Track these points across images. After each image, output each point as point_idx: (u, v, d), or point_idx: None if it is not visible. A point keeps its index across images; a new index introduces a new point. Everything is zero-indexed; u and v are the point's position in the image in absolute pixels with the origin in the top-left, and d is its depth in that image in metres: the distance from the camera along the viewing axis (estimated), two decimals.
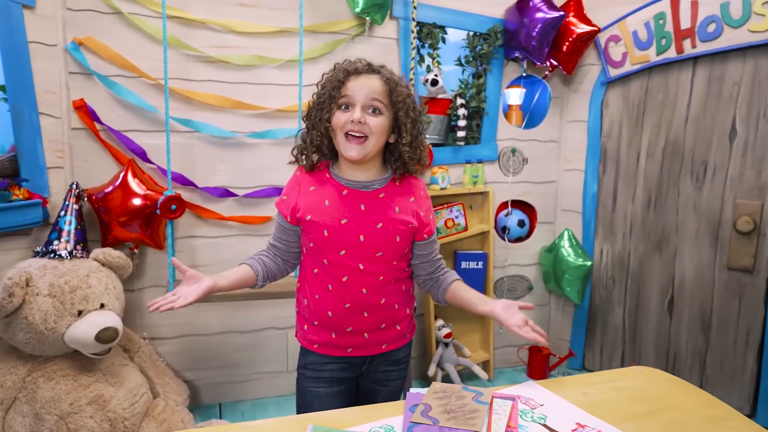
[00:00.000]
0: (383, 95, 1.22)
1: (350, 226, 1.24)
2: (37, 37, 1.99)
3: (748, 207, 2.27)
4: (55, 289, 1.80)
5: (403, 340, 1.38)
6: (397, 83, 1.24)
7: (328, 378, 1.34)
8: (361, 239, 1.24)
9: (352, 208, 1.25)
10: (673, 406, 1.11)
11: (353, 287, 1.26)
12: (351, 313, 1.28)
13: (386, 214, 1.25)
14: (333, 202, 1.25)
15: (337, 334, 1.31)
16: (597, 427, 1.01)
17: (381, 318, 1.31)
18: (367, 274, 1.26)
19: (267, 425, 1.00)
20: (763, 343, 2.25)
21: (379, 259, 1.26)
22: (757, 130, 2.23)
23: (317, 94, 1.29)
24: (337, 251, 1.25)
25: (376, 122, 1.21)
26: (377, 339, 1.32)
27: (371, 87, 1.21)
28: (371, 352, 1.34)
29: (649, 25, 2.48)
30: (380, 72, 1.25)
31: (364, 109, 1.21)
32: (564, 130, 2.89)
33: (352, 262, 1.25)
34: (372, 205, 1.25)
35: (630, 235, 2.71)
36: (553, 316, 3.02)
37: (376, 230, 1.24)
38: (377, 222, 1.24)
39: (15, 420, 1.77)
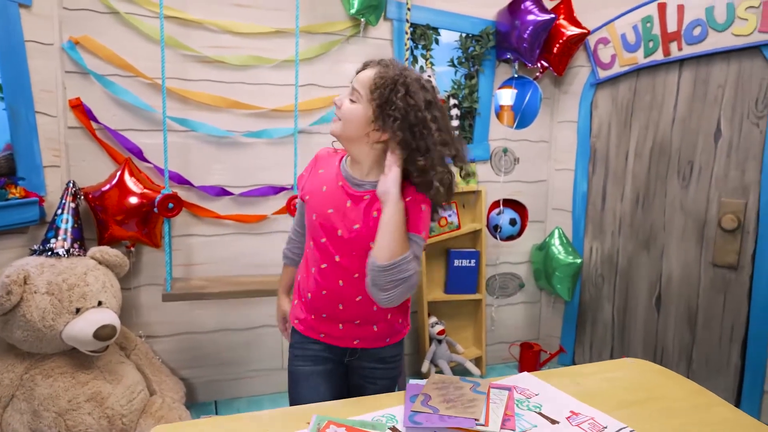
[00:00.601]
0: (364, 86, 1.21)
1: (334, 217, 1.26)
2: (33, 36, 2.00)
3: (732, 205, 2.33)
4: (53, 287, 1.82)
5: (380, 342, 1.36)
6: (382, 75, 1.19)
7: (312, 356, 1.36)
8: (339, 233, 1.26)
9: (339, 200, 1.27)
10: (662, 395, 1.15)
11: (330, 277, 1.29)
12: (327, 300, 1.31)
13: (364, 218, 1.24)
14: (329, 189, 1.29)
15: (315, 317, 1.34)
16: (590, 415, 1.05)
17: (355, 314, 1.31)
18: (343, 268, 1.27)
19: (274, 415, 1.03)
20: (746, 337, 2.32)
21: (354, 256, 1.25)
22: (741, 130, 2.30)
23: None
24: (320, 237, 1.29)
25: (349, 109, 1.23)
26: (350, 333, 1.33)
27: (360, 77, 1.24)
28: (344, 344, 1.34)
29: (637, 28, 2.54)
30: (378, 65, 1.24)
31: (347, 96, 1.25)
32: (554, 131, 2.95)
33: (330, 252, 1.28)
34: (356, 204, 1.26)
35: (619, 234, 2.76)
36: (543, 313, 3.07)
37: (353, 230, 1.25)
38: (355, 222, 1.25)
39: (13, 417, 1.78)
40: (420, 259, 1.22)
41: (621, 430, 1.00)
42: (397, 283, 1.14)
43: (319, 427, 0.95)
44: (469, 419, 0.98)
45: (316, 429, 0.95)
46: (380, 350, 1.37)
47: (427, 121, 1.18)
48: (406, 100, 1.18)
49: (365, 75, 1.23)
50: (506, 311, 3.00)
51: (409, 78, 1.21)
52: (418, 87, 1.20)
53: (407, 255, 1.15)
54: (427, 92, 1.22)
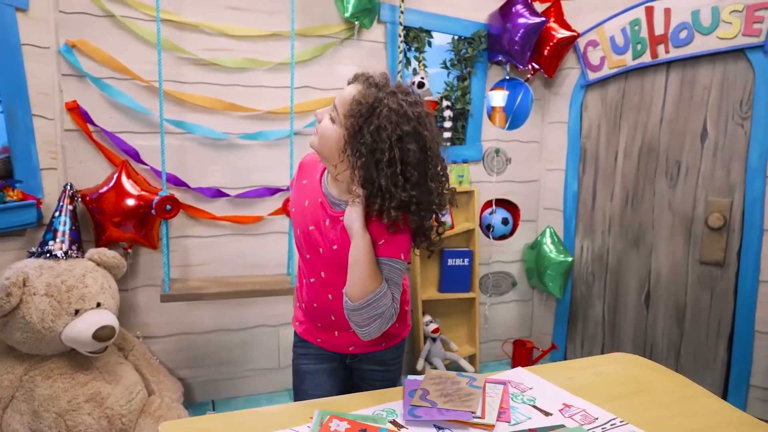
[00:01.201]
0: (343, 106, 1.13)
1: (315, 234, 1.23)
2: (30, 39, 2.01)
3: (718, 204, 2.39)
4: (52, 289, 1.83)
5: (376, 347, 1.37)
6: (360, 102, 1.10)
7: (317, 355, 1.39)
8: (320, 251, 1.24)
9: (319, 218, 1.23)
10: (650, 387, 1.20)
11: (320, 291, 1.28)
12: (319, 312, 1.32)
13: (342, 239, 1.19)
14: (310, 205, 1.25)
15: (312, 324, 1.37)
16: (582, 407, 1.09)
17: (348, 324, 1.24)
18: (328, 284, 1.25)
19: (278, 410, 1.06)
20: (732, 333, 2.38)
21: (338, 272, 1.20)
22: (726, 131, 2.36)
23: None
24: (305, 253, 1.28)
25: (325, 126, 1.16)
26: (345, 341, 1.35)
27: (344, 93, 1.16)
28: (339, 350, 1.37)
29: (626, 31, 2.59)
30: (362, 84, 1.15)
31: (327, 113, 1.19)
32: (545, 131, 3.00)
33: (316, 268, 1.26)
34: (333, 224, 1.21)
35: (609, 232, 2.82)
36: (536, 310, 3.12)
37: (332, 249, 1.21)
38: (333, 243, 1.21)
39: (13, 418, 1.79)
40: (399, 285, 1.16)
41: (611, 420, 1.04)
42: (373, 320, 1.11)
43: (322, 422, 0.99)
44: (466, 412, 1.02)
45: (319, 423, 0.98)
46: (379, 354, 1.40)
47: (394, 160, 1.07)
48: (377, 134, 1.08)
49: (347, 93, 1.14)
50: (499, 309, 3.04)
51: (388, 107, 1.09)
52: (396, 117, 1.08)
53: (379, 290, 1.11)
54: (408, 122, 1.09)
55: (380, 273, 1.13)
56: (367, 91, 1.11)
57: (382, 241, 1.16)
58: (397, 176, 1.07)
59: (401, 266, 1.17)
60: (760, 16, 2.16)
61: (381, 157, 1.07)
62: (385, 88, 1.12)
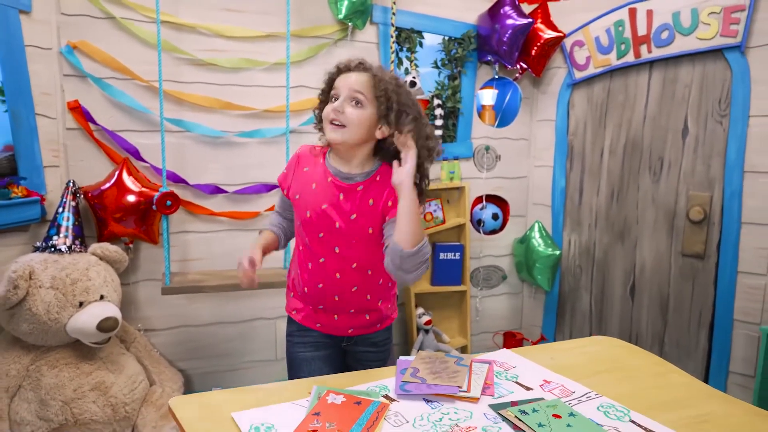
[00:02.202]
0: (367, 88, 1.28)
1: (329, 212, 1.32)
2: (33, 40, 2.07)
3: (699, 198, 2.49)
4: (57, 282, 1.90)
5: (372, 328, 1.47)
6: (381, 78, 1.29)
7: (313, 342, 1.46)
8: (337, 226, 1.32)
9: (332, 195, 1.33)
10: (625, 365, 1.28)
11: (328, 270, 1.36)
12: (324, 293, 1.39)
13: (361, 207, 1.31)
14: (319, 187, 1.34)
15: (311, 308, 1.44)
16: (561, 383, 1.18)
17: (350, 304, 1.40)
18: (342, 259, 1.35)
19: (279, 387, 1.14)
20: (713, 322, 2.48)
21: (354, 246, 1.33)
22: (706, 128, 2.45)
23: (320, 92, 1.41)
24: (317, 233, 1.35)
25: (355, 113, 1.28)
26: (345, 323, 1.43)
27: (355, 80, 1.29)
28: (339, 333, 1.45)
29: (610, 32, 2.68)
30: (370, 69, 1.32)
31: (347, 101, 1.29)
32: (534, 129, 3.09)
33: (329, 245, 1.35)
34: (349, 196, 1.32)
35: (595, 227, 2.91)
36: (525, 303, 3.21)
37: (350, 220, 1.32)
38: (351, 213, 1.32)
39: (20, 406, 1.86)
40: None
41: (587, 393, 1.12)
42: (420, 264, 1.23)
43: (320, 395, 1.06)
44: (453, 387, 1.10)
45: (317, 397, 1.06)
46: (372, 335, 1.49)
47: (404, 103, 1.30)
48: (409, 97, 1.32)
49: (362, 78, 1.29)
50: (490, 302, 3.13)
51: (397, 80, 1.32)
52: (405, 87, 1.34)
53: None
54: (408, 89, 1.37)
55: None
56: (379, 71, 1.32)
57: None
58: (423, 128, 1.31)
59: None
60: (737, 17, 2.26)
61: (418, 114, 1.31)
62: (383, 67, 1.36)
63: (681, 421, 1.01)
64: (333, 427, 0.96)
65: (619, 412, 1.05)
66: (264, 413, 1.01)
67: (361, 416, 0.99)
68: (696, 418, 1.03)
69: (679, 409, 1.07)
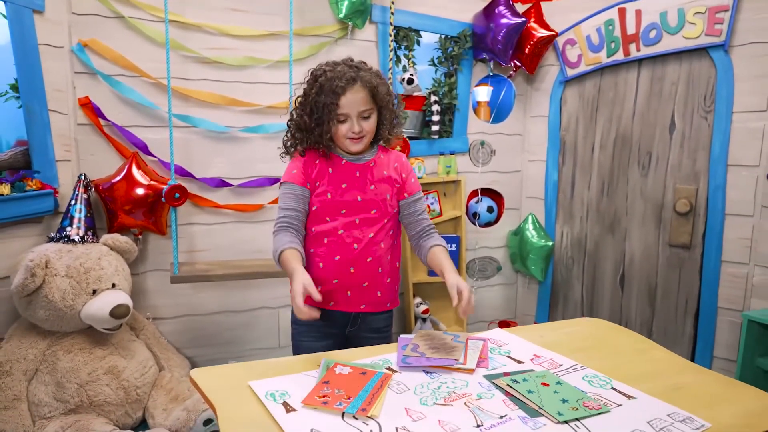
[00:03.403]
0: (369, 102, 1.46)
1: (349, 189, 1.49)
2: (46, 39, 2.15)
3: (685, 191, 2.59)
4: (71, 270, 1.99)
5: (382, 306, 1.58)
6: (376, 85, 1.46)
7: (318, 331, 1.55)
8: (358, 199, 1.49)
9: (349, 174, 1.50)
10: (610, 342, 1.39)
11: (347, 241, 1.49)
12: (340, 266, 1.49)
13: (376, 177, 1.52)
14: (335, 170, 1.51)
15: (323, 287, 1.50)
16: (549, 357, 1.28)
17: (365, 276, 1.51)
18: (361, 230, 1.49)
19: (289, 361, 1.24)
20: (698, 310, 2.59)
21: (373, 216, 1.50)
22: (692, 123, 2.56)
23: (309, 107, 1.46)
24: (339, 210, 1.50)
25: (368, 125, 1.48)
26: (358, 298, 1.53)
27: (359, 99, 1.44)
28: (351, 309, 1.54)
29: (601, 31, 2.78)
30: (360, 79, 1.44)
31: (358, 118, 1.45)
32: (527, 125, 3.19)
33: (350, 217, 1.49)
34: (365, 171, 1.52)
35: (586, 219, 3.02)
36: (519, 293, 3.32)
37: (370, 190, 1.50)
38: (370, 184, 1.50)
39: (38, 389, 1.95)
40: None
41: (573, 366, 1.23)
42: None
43: (328, 367, 1.16)
44: (450, 359, 1.20)
45: (325, 368, 1.16)
46: (378, 318, 1.58)
47: (392, 95, 1.53)
48: (388, 87, 1.52)
49: (363, 95, 1.45)
50: (485, 292, 3.24)
51: (379, 71, 1.52)
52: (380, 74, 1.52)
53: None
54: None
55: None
56: (370, 79, 1.46)
57: (414, 179, 1.59)
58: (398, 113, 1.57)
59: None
60: (721, 17, 2.36)
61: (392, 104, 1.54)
62: (368, 70, 1.49)
63: (658, 389, 1.11)
64: (341, 393, 1.05)
65: (602, 381, 1.15)
66: (278, 382, 1.11)
67: (366, 384, 1.09)
68: (671, 386, 1.13)
69: (657, 379, 1.17)
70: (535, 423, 0.98)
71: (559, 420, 0.99)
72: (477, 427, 0.97)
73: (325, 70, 1.46)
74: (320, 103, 1.43)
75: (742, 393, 1.12)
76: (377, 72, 1.51)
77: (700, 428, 0.97)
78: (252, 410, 1.00)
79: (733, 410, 1.04)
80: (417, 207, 1.57)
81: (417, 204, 1.57)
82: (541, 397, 1.06)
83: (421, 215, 1.57)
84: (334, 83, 1.42)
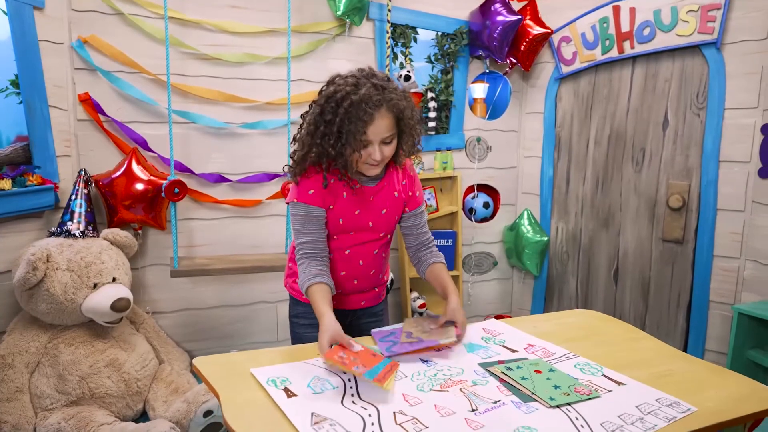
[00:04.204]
0: (392, 127, 1.33)
1: (362, 215, 1.44)
2: (45, 35, 2.17)
3: (678, 187, 2.63)
4: (72, 264, 2.01)
5: (378, 300, 1.63)
6: (402, 110, 1.33)
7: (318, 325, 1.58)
8: (370, 225, 1.46)
9: (363, 199, 1.43)
10: (601, 332, 1.42)
11: (353, 259, 1.49)
12: (344, 279, 1.51)
13: (388, 201, 1.46)
14: (349, 195, 1.42)
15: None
16: (543, 346, 1.31)
17: (366, 284, 1.55)
18: (367, 249, 1.49)
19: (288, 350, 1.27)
20: (690, 303, 2.63)
21: (381, 237, 1.49)
22: (685, 120, 2.59)
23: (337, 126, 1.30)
24: (348, 232, 1.47)
25: (390, 149, 1.36)
26: (357, 299, 1.57)
27: (385, 126, 1.31)
28: (350, 306, 1.57)
29: (595, 28, 2.81)
30: (387, 102, 1.30)
31: (380, 144, 1.33)
32: (523, 121, 3.22)
33: (358, 240, 1.47)
34: (379, 195, 1.45)
35: (581, 214, 3.05)
36: (515, 288, 3.36)
37: (381, 216, 1.46)
38: (382, 208, 1.46)
39: (40, 381, 1.98)
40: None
41: (565, 354, 1.26)
42: None
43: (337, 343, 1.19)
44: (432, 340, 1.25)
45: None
46: (375, 306, 1.63)
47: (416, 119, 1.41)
48: (414, 109, 1.39)
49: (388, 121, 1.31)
50: (481, 287, 3.27)
51: (405, 91, 1.37)
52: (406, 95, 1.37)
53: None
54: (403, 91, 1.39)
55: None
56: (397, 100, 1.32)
57: (420, 192, 1.54)
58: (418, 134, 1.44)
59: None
60: (713, 15, 2.40)
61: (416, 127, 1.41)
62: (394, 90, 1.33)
63: (647, 376, 1.15)
64: (357, 361, 1.09)
65: (594, 368, 1.19)
66: (279, 369, 1.14)
67: (379, 363, 1.12)
68: (660, 373, 1.17)
69: (646, 367, 1.21)
70: (528, 407, 1.02)
71: (551, 404, 1.02)
72: (472, 411, 1.00)
73: (348, 92, 1.28)
74: (345, 130, 1.29)
75: (728, 379, 1.15)
76: (404, 93, 1.36)
77: (687, 412, 1.01)
78: (254, 396, 1.03)
79: (718, 395, 1.07)
80: (419, 220, 1.54)
81: (419, 217, 1.55)
82: (533, 384, 1.10)
83: (422, 228, 1.55)
84: (361, 109, 1.27)
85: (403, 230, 1.57)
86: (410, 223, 1.54)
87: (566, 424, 0.96)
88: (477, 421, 0.96)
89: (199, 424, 2.00)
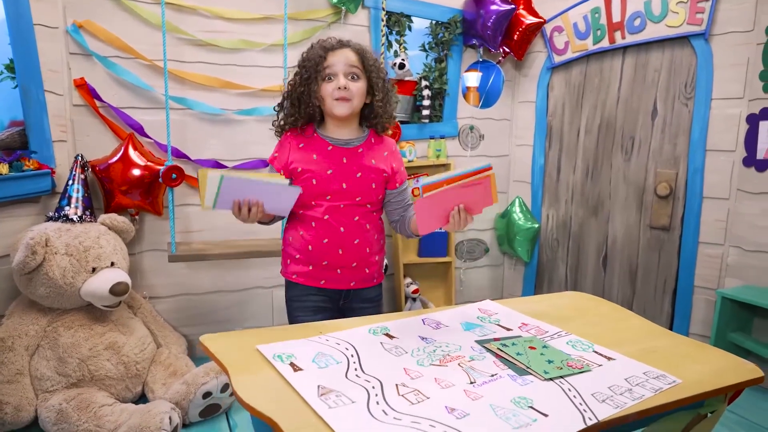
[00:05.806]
0: (358, 63, 1.48)
1: (335, 176, 1.49)
2: (41, 19, 2.17)
3: (665, 175, 2.70)
4: (71, 249, 2.02)
5: (370, 282, 1.64)
6: (365, 51, 1.50)
7: (313, 307, 1.60)
8: (343, 186, 1.49)
9: (336, 160, 1.50)
10: (591, 312, 1.48)
11: (333, 225, 1.52)
12: (328, 248, 1.54)
13: (364, 165, 1.51)
14: (320, 156, 1.49)
15: (314, 267, 1.56)
16: (536, 325, 1.36)
17: (353, 257, 1.54)
18: (345, 214, 1.51)
19: (292, 328, 1.31)
20: (676, 289, 2.71)
21: (357, 202, 1.52)
22: (673, 109, 2.65)
23: (300, 72, 1.50)
24: (324, 196, 1.51)
25: (357, 86, 1.47)
26: (348, 276, 1.58)
27: (347, 57, 1.46)
28: (342, 286, 1.59)
29: (587, 18, 2.86)
30: (350, 45, 1.50)
31: (345, 77, 1.45)
32: (515, 110, 3.27)
33: (336, 203, 1.51)
34: (352, 158, 1.51)
35: (571, 202, 3.12)
36: (506, 274, 3.42)
37: (356, 178, 1.50)
38: (357, 172, 1.50)
39: (40, 363, 2.00)
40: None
41: (558, 332, 1.31)
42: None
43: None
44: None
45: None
46: (369, 290, 1.65)
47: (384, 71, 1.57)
48: (381, 66, 1.54)
49: (353, 55, 1.48)
50: (473, 273, 3.33)
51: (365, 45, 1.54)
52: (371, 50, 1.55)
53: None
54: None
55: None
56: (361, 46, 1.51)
57: (402, 168, 1.62)
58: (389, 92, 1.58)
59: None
60: (702, 7, 2.45)
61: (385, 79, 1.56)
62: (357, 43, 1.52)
63: (634, 352, 1.20)
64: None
65: (585, 345, 1.24)
66: (284, 346, 1.18)
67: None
68: (647, 349, 1.22)
69: (634, 343, 1.26)
70: (524, 380, 1.07)
71: (545, 377, 1.07)
72: (470, 383, 1.05)
73: (313, 44, 1.51)
74: (309, 63, 1.47)
75: (710, 354, 1.22)
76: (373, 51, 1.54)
77: (672, 384, 1.06)
78: (262, 370, 1.07)
79: (701, 369, 1.13)
80: (405, 196, 1.62)
81: (404, 193, 1.62)
82: (528, 359, 1.15)
83: (408, 203, 1.63)
84: (322, 48, 1.47)
85: (387, 207, 1.62)
86: (397, 198, 1.61)
87: (560, 395, 1.01)
88: (476, 393, 1.01)
89: (199, 405, 2.04)
